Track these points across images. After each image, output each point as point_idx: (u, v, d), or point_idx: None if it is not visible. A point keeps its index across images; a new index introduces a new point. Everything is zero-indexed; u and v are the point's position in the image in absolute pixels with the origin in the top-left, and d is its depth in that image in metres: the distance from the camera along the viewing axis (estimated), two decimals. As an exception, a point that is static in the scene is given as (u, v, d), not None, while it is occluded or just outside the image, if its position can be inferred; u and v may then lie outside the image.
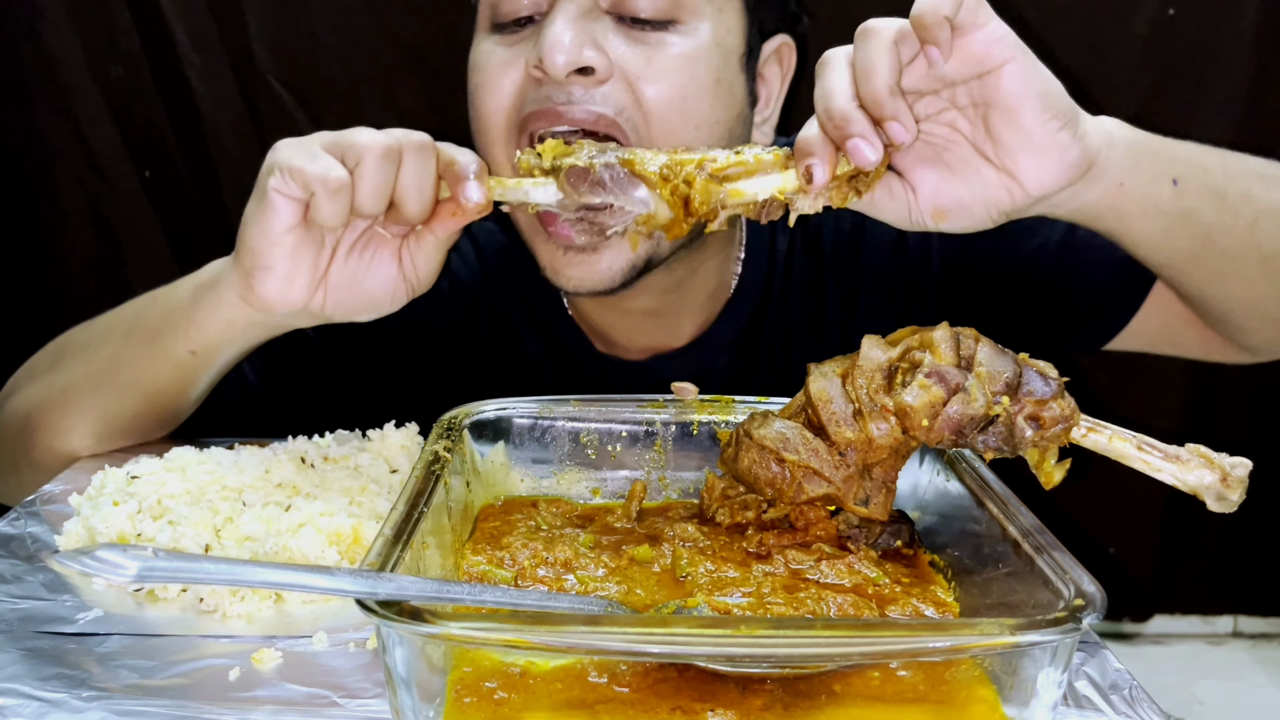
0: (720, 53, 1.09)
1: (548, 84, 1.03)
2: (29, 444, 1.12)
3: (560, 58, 1.00)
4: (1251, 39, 1.95)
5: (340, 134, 0.89)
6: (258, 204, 0.90)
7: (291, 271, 0.92)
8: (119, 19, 1.96)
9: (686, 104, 1.06)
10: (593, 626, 0.60)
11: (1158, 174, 0.90)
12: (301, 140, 0.90)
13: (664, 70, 1.04)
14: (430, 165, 0.89)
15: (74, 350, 1.13)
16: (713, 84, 1.08)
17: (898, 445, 0.76)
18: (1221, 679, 2.36)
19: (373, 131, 0.89)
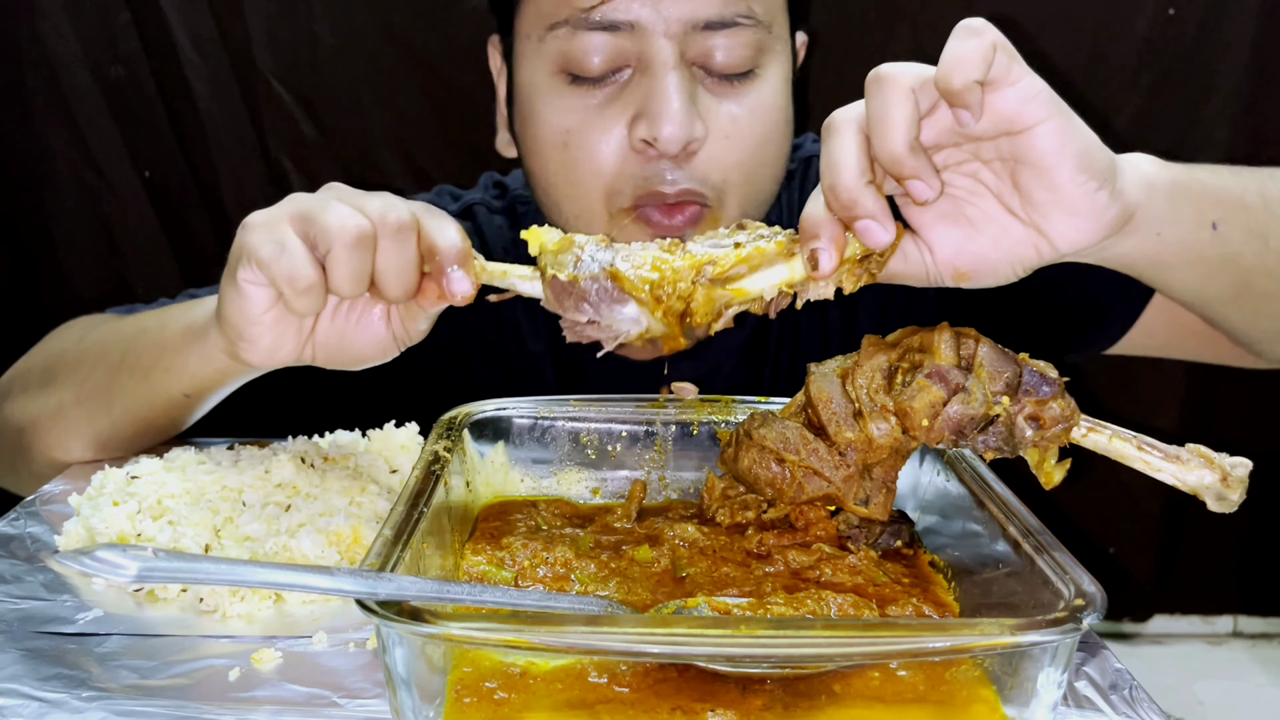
0: (786, 89, 1.10)
1: (653, 159, 1.02)
2: (26, 454, 1.12)
3: (675, 131, 0.99)
4: (1251, 39, 1.95)
5: (312, 209, 0.80)
6: (230, 287, 0.84)
7: (276, 341, 0.86)
8: (119, 19, 1.96)
9: (765, 149, 1.08)
10: (593, 626, 0.60)
11: (1199, 220, 0.83)
12: (271, 217, 0.81)
13: (747, 128, 1.05)
14: (409, 249, 0.80)
15: (66, 370, 1.10)
16: (784, 123, 1.10)
17: (898, 445, 0.76)
18: (1221, 679, 2.36)
19: (346, 210, 0.79)
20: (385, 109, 2.04)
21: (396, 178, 2.05)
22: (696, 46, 1.02)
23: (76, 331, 1.18)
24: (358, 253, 0.78)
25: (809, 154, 1.32)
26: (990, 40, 0.70)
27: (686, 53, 1.02)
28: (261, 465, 0.95)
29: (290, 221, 0.80)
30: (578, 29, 1.02)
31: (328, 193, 0.83)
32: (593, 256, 0.76)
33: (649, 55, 1.01)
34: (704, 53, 1.03)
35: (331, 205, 0.80)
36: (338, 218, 0.78)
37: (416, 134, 2.06)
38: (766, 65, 1.06)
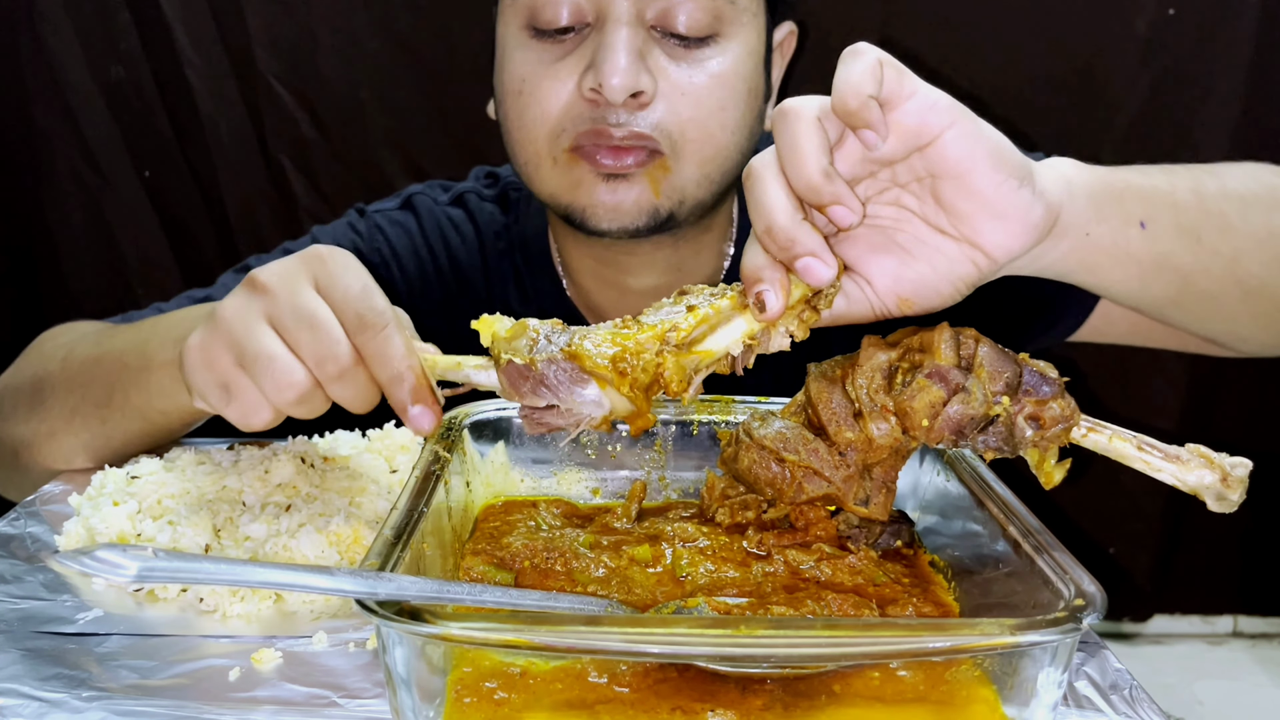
0: (752, 60, 1.12)
1: (600, 105, 1.05)
2: (22, 468, 1.12)
3: (618, 82, 1.02)
4: (1251, 39, 1.95)
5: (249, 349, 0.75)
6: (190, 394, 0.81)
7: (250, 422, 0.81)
8: (119, 19, 1.96)
9: (724, 114, 1.10)
10: (593, 626, 0.60)
11: (1125, 218, 0.82)
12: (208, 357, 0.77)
13: (705, 89, 1.08)
14: (358, 383, 0.76)
15: (54, 395, 1.09)
16: (746, 92, 1.12)
17: (898, 445, 0.76)
18: (1221, 679, 2.36)
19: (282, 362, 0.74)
20: (385, 109, 2.04)
21: (396, 178, 2.05)
22: (655, 7, 1.06)
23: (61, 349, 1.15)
24: (305, 404, 0.76)
25: None
26: (874, 59, 0.68)
27: (644, 13, 1.05)
28: (261, 465, 0.95)
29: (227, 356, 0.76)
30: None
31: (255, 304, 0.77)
32: (548, 338, 0.73)
33: (604, 10, 1.05)
34: (662, 14, 1.06)
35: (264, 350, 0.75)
36: (273, 378, 0.74)
37: (416, 134, 2.06)
38: (729, 34, 1.09)
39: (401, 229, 1.34)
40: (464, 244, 1.34)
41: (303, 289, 0.77)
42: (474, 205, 1.36)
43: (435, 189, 1.39)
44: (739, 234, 1.29)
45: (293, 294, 0.76)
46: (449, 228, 1.35)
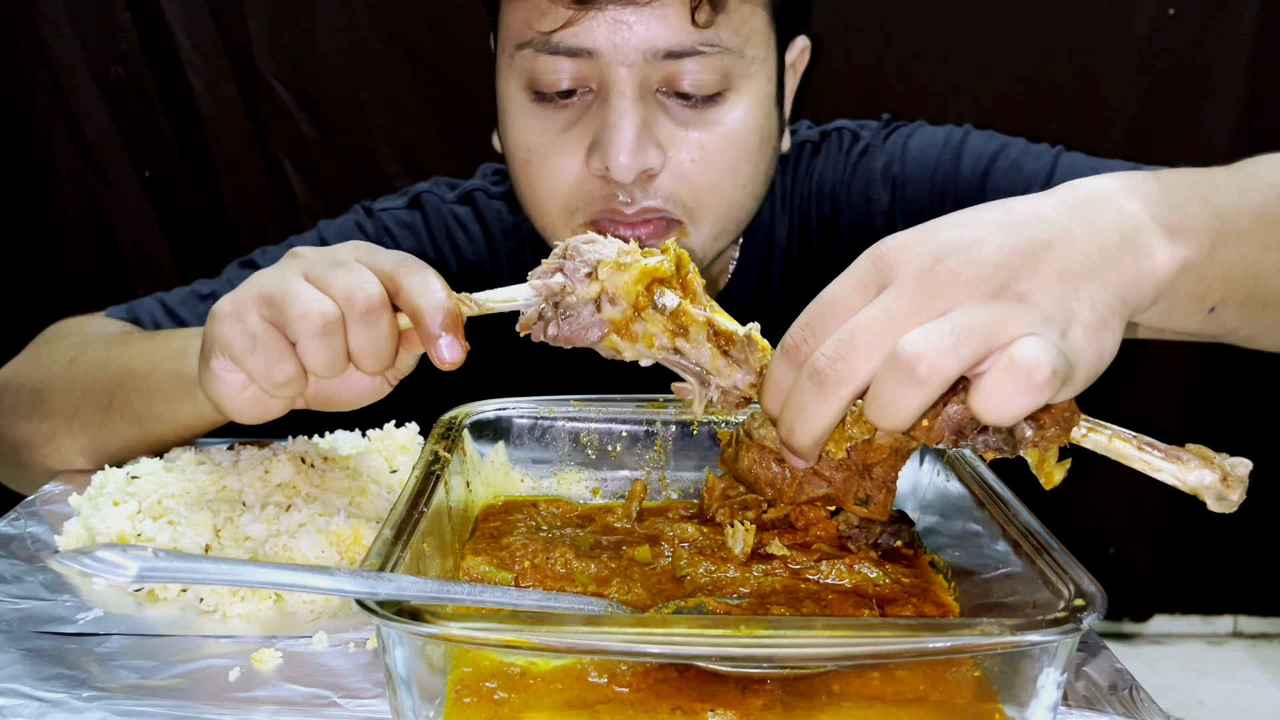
0: (764, 108, 1.10)
1: (610, 184, 1.04)
2: (22, 466, 1.12)
3: (626, 162, 0.99)
4: (1251, 39, 1.95)
5: (276, 294, 0.76)
6: (206, 371, 0.81)
7: (261, 412, 0.82)
8: (119, 19, 1.96)
9: (735, 171, 1.08)
10: (593, 626, 0.60)
11: (1195, 310, 0.73)
12: (237, 308, 0.77)
13: (716, 151, 1.06)
14: (382, 326, 0.76)
15: (56, 396, 1.09)
16: (758, 144, 1.10)
17: (898, 445, 0.76)
18: (1221, 679, 2.36)
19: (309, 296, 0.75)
20: (385, 109, 2.04)
21: (397, 177, 2.05)
22: (660, 73, 1.03)
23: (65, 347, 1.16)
24: (327, 341, 0.75)
25: (803, 139, 1.32)
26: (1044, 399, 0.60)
27: (650, 79, 1.03)
28: (261, 465, 0.95)
29: (257, 308, 0.77)
30: (539, 51, 1.03)
31: (293, 264, 0.79)
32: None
33: (608, 82, 1.02)
34: (668, 79, 1.03)
35: (295, 290, 0.75)
36: (301, 307, 0.74)
37: (416, 134, 2.06)
38: (738, 89, 1.06)
39: (409, 229, 1.33)
40: (472, 244, 1.33)
41: (342, 253, 0.79)
42: (482, 203, 1.36)
43: (442, 187, 1.38)
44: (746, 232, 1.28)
45: (332, 254, 0.79)
46: (456, 227, 1.34)
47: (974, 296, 0.61)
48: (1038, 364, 0.57)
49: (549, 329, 0.77)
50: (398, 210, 1.35)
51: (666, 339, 0.75)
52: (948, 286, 0.61)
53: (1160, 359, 2.15)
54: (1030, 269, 0.62)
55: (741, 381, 0.74)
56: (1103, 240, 0.65)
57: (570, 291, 0.75)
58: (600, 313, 0.75)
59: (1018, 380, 0.58)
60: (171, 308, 1.26)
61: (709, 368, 0.75)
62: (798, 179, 1.31)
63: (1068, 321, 0.62)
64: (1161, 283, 0.67)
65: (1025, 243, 0.63)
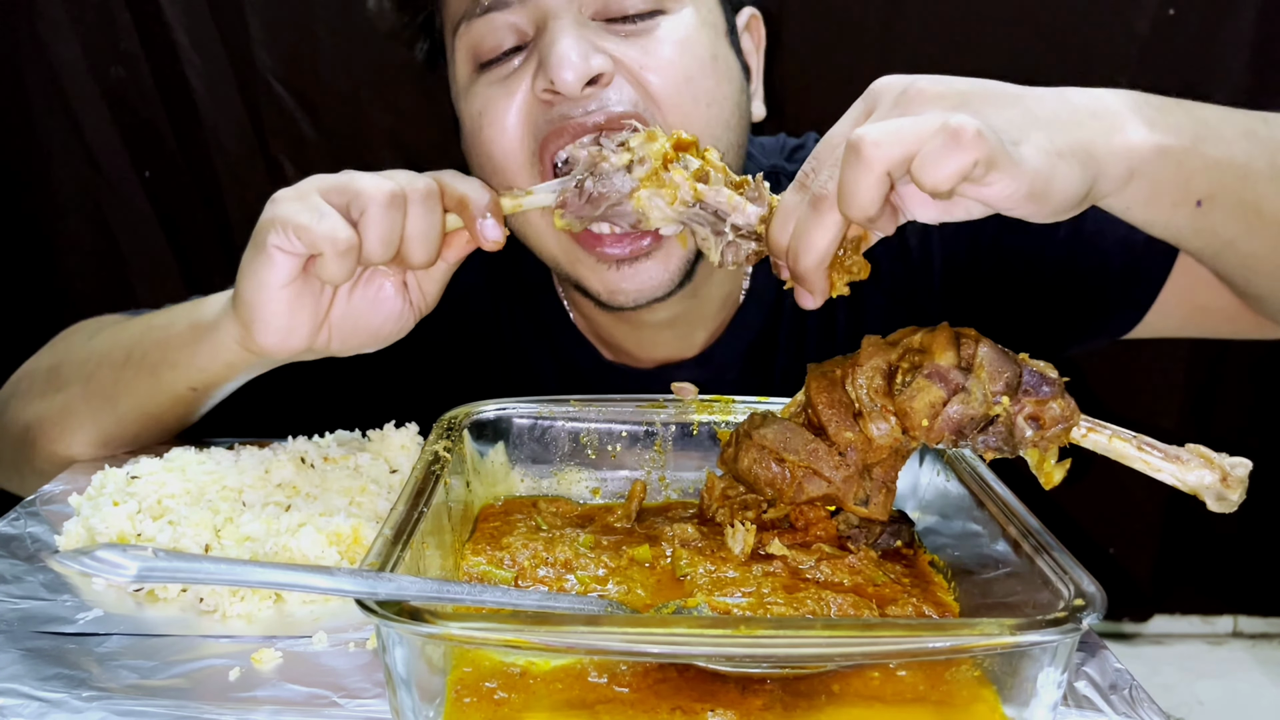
0: (709, 31, 1.08)
1: (560, 103, 1.01)
2: (30, 452, 1.12)
3: (570, 74, 0.98)
4: (1251, 39, 1.95)
5: (341, 181, 0.85)
6: (256, 257, 0.86)
7: (292, 322, 0.88)
8: (119, 19, 1.96)
9: (693, 83, 1.05)
10: (593, 626, 0.60)
11: (1181, 198, 0.78)
12: (300, 190, 0.85)
13: (663, 57, 1.03)
14: (437, 212, 0.87)
15: (72, 369, 1.11)
16: (711, 59, 1.07)
17: (898, 445, 0.76)
18: (1221, 679, 2.36)
19: (375, 177, 0.85)
20: (385, 109, 2.04)
21: (396, 178, 2.05)
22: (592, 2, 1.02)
23: (84, 334, 1.18)
24: (391, 214, 0.84)
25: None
26: (971, 159, 0.65)
27: (585, 9, 1.02)
28: (261, 465, 0.95)
29: (321, 191, 0.84)
30: (472, 17, 1.05)
31: (346, 172, 0.87)
32: None
33: (543, 19, 1.02)
34: (601, 3, 1.03)
35: (360, 174, 0.85)
36: (371, 182, 0.84)
37: (416, 134, 2.06)
38: (675, 9, 1.05)
39: None
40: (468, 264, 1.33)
41: None
42: None
43: None
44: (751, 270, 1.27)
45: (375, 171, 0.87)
46: None
47: (937, 107, 0.70)
48: (964, 124, 0.64)
49: (585, 187, 0.86)
50: None
51: (689, 189, 0.84)
52: (915, 100, 0.71)
53: (1160, 359, 2.15)
54: (995, 100, 0.72)
55: (753, 215, 0.83)
56: (1074, 110, 0.73)
57: (605, 158, 0.86)
58: (631, 174, 0.85)
59: (945, 139, 0.65)
60: None
61: (726, 206, 0.83)
62: None
63: (1020, 138, 0.69)
64: (1135, 157, 0.74)
65: (996, 87, 0.73)
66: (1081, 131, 0.72)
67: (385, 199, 0.83)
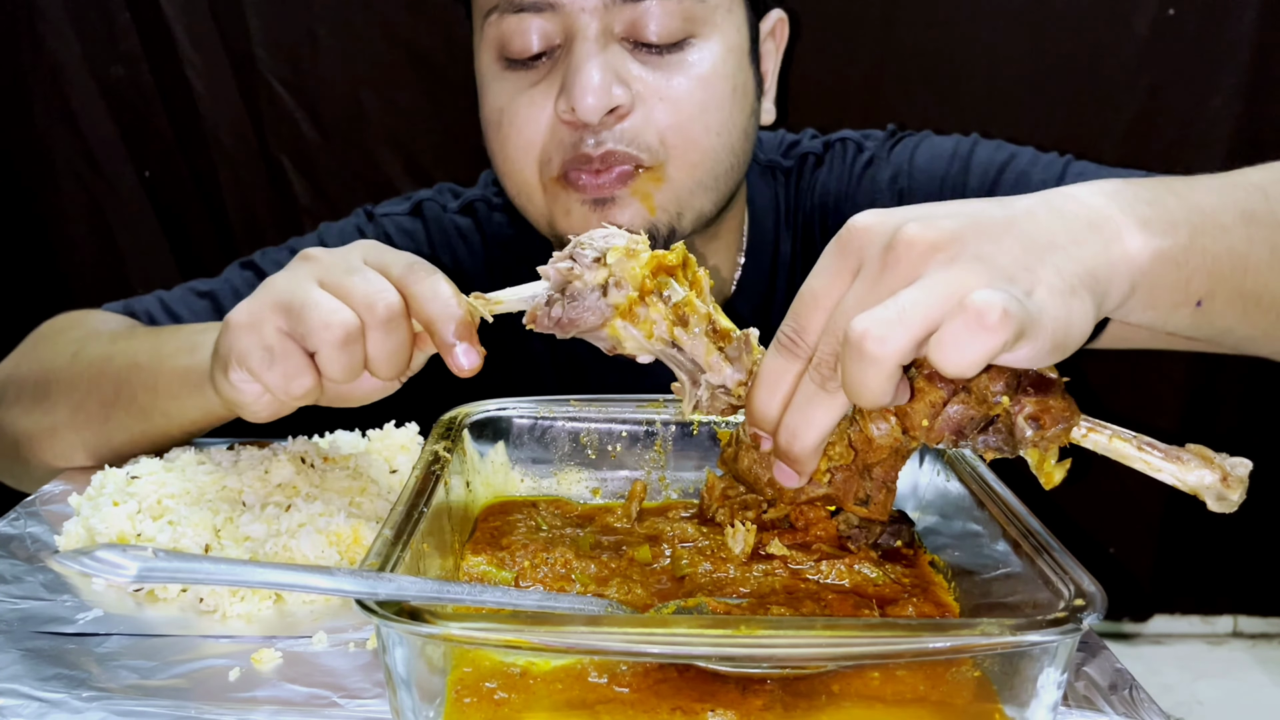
0: (734, 58, 1.09)
1: (579, 127, 1.03)
2: (23, 462, 1.12)
3: (592, 101, 0.99)
4: (1251, 39, 1.95)
5: (294, 305, 0.76)
6: (222, 379, 0.81)
7: (275, 412, 0.83)
8: (119, 19, 1.96)
9: (706, 115, 1.07)
10: (593, 626, 0.60)
11: (1181, 301, 0.72)
12: (253, 317, 0.77)
13: (683, 93, 1.05)
14: (401, 333, 0.77)
15: (59, 391, 1.09)
16: (730, 92, 1.09)
17: (898, 445, 0.76)
18: (1221, 679, 2.36)
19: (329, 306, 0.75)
20: (385, 109, 2.04)
21: (396, 178, 2.05)
22: (623, 19, 1.03)
23: (67, 340, 1.16)
24: (347, 350, 0.75)
25: (806, 150, 1.32)
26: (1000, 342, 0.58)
27: (613, 27, 1.03)
28: (261, 465, 0.95)
29: (274, 319, 0.77)
30: (505, 13, 1.05)
31: (306, 269, 0.79)
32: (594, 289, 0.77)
33: (572, 32, 1.03)
34: (631, 25, 1.03)
35: (313, 300, 0.76)
36: (321, 317, 0.75)
37: (416, 134, 2.06)
38: (704, 34, 1.06)
39: (409, 237, 1.32)
40: (471, 255, 1.33)
41: (353, 256, 0.80)
42: (483, 214, 1.35)
43: (445, 194, 1.37)
44: (749, 242, 1.28)
45: (344, 258, 0.79)
46: (456, 238, 1.33)
47: (932, 263, 0.61)
48: (988, 305, 0.57)
49: (553, 311, 0.77)
50: (399, 217, 1.34)
51: (665, 328, 0.75)
52: (906, 256, 0.62)
53: (1160, 359, 2.15)
54: (990, 237, 0.63)
55: (731, 379, 0.75)
56: (1069, 224, 0.66)
57: (578, 276, 0.76)
58: (606, 297, 0.76)
59: (969, 323, 0.57)
60: (169, 304, 1.26)
61: (702, 362, 0.75)
62: (801, 191, 1.30)
63: (1032, 283, 0.62)
64: (1136, 269, 0.67)
65: (987, 216, 0.64)
66: (1083, 252, 0.65)
67: (339, 339, 0.75)
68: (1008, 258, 0.62)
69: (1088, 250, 0.65)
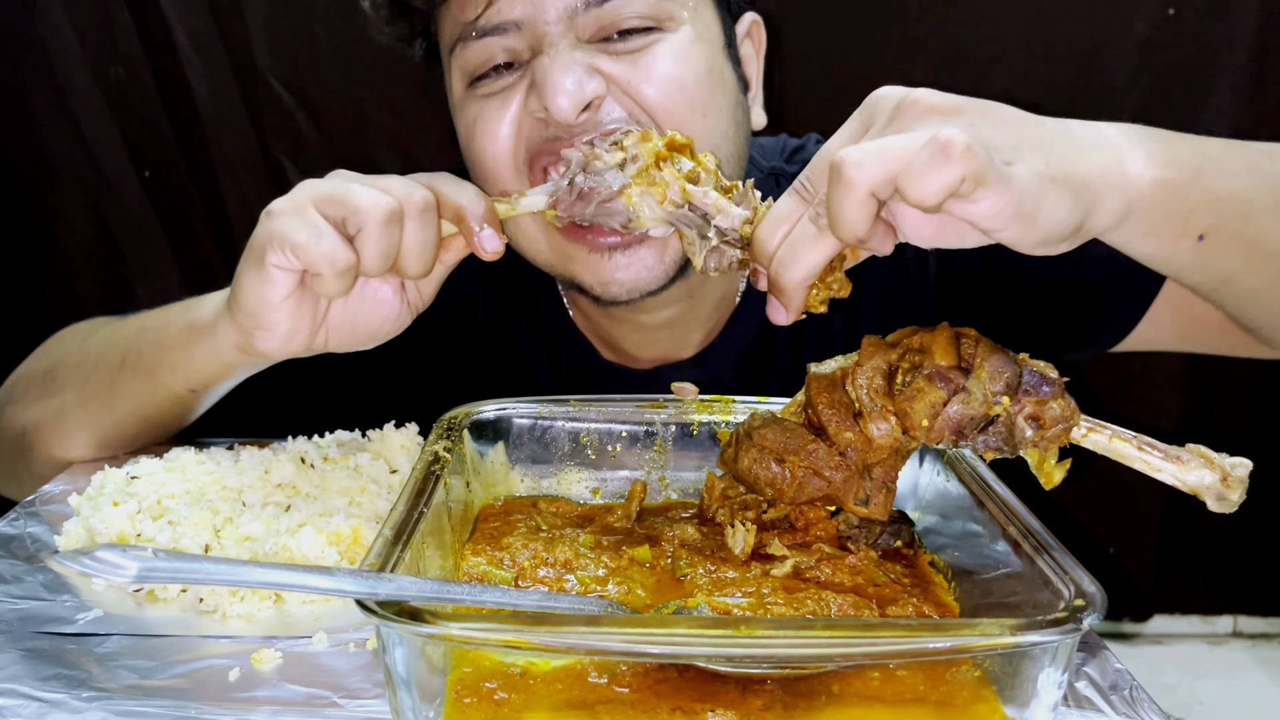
0: (706, 46, 1.08)
1: (553, 125, 1.01)
2: (28, 456, 1.12)
3: (565, 101, 0.97)
4: (1251, 39, 1.95)
5: (337, 192, 0.83)
6: (254, 273, 0.85)
7: (292, 329, 0.88)
8: (119, 19, 1.96)
9: (687, 92, 1.05)
10: (593, 627, 0.60)
11: (1182, 232, 0.75)
12: (296, 202, 0.84)
13: (657, 69, 1.03)
14: (433, 226, 0.86)
15: (67, 373, 1.10)
16: (706, 71, 1.07)
17: (898, 445, 0.76)
18: (1221, 679, 2.36)
19: (371, 190, 0.83)
20: (385, 109, 2.04)
21: (396, 178, 2.05)
22: (587, 25, 1.02)
23: (78, 336, 1.18)
24: (388, 230, 0.82)
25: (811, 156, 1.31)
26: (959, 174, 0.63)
27: (581, 34, 1.02)
28: (261, 465, 0.95)
29: (316, 205, 0.83)
30: (468, 41, 1.04)
31: (343, 175, 0.86)
32: None
33: (539, 45, 1.01)
34: (597, 27, 1.02)
35: (355, 188, 0.83)
36: (368, 198, 0.82)
37: (416, 134, 2.06)
38: (673, 25, 1.05)
39: None
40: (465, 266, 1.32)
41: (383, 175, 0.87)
42: None
43: None
44: None
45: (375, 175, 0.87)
46: None
47: (930, 120, 0.69)
48: (952, 138, 0.63)
49: (576, 182, 0.87)
50: None
51: (678, 189, 0.84)
52: (908, 113, 0.70)
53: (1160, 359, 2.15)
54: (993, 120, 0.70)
55: (738, 218, 0.82)
56: (1074, 139, 0.71)
57: (598, 156, 0.87)
58: (623, 171, 0.86)
59: (933, 153, 0.63)
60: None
61: (713, 207, 0.83)
62: None
63: (1014, 158, 0.67)
64: (1132, 190, 0.72)
65: (997, 107, 0.71)
66: (1079, 160, 0.70)
67: (383, 216, 0.82)
68: (1000, 139, 0.68)
69: (1084, 160, 0.70)
